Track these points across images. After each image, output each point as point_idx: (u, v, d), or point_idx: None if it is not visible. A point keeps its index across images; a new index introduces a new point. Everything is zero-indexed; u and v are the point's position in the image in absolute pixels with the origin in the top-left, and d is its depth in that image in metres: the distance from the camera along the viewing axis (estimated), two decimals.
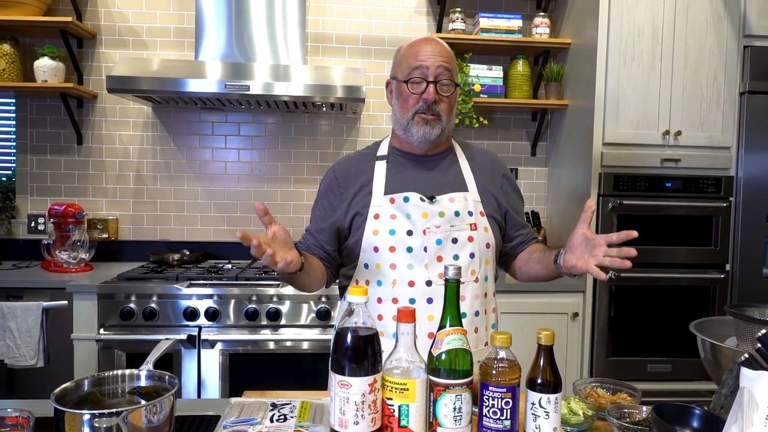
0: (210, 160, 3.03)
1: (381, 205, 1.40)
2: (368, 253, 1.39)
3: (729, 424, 0.82)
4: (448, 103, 1.41)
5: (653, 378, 2.58)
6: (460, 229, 1.39)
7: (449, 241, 1.37)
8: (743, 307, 1.28)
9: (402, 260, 1.36)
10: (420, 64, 1.37)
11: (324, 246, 1.45)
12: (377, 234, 1.38)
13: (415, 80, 1.38)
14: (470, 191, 1.45)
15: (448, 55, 1.41)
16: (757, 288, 2.61)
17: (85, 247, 2.70)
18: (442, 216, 1.38)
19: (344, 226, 1.43)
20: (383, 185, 1.42)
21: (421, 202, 1.39)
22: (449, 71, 1.39)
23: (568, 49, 2.90)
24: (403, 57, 1.43)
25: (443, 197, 1.41)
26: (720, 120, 2.60)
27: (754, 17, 2.58)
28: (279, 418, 1.06)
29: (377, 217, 1.39)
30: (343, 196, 1.44)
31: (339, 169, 1.49)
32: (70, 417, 0.87)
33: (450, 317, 1.01)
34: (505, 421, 0.98)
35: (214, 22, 2.71)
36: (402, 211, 1.38)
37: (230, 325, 2.37)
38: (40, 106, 2.93)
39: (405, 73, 1.40)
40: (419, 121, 1.39)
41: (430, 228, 1.37)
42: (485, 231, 1.42)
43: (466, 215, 1.41)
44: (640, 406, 1.16)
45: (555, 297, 2.60)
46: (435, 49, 1.39)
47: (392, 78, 1.47)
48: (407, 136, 1.42)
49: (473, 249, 1.39)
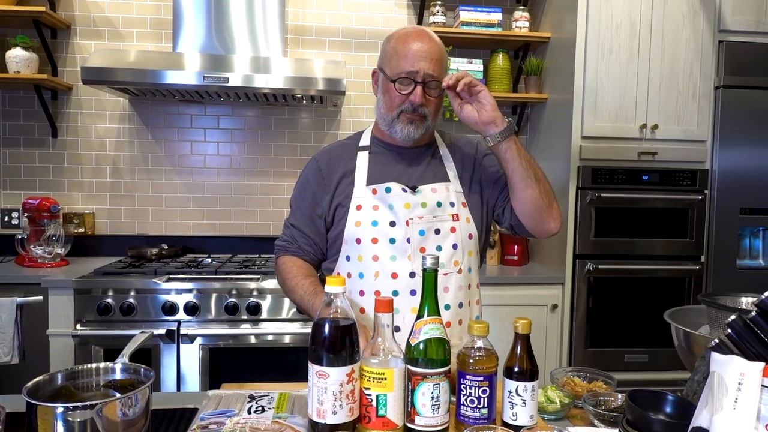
0: (189, 154, 2.99)
1: (363, 196, 1.38)
2: (350, 245, 1.38)
3: (700, 408, 0.83)
4: (436, 104, 1.39)
5: (630, 368, 2.62)
6: (443, 219, 1.38)
7: (432, 231, 1.37)
8: (716, 296, 1.30)
9: (385, 252, 1.35)
10: (409, 69, 1.33)
11: (315, 241, 1.44)
12: (359, 225, 1.37)
13: (403, 81, 1.34)
14: (452, 182, 1.44)
15: (439, 54, 1.36)
16: (731, 278, 2.66)
17: (60, 241, 2.65)
18: (425, 206, 1.37)
19: (328, 218, 1.42)
20: (365, 176, 1.41)
21: (404, 192, 1.38)
22: (439, 72, 1.35)
23: (547, 43, 2.92)
24: (393, 52, 1.37)
25: (425, 187, 1.40)
26: (696, 114, 2.64)
27: (728, 12, 2.62)
28: (257, 410, 1.05)
29: (359, 208, 1.38)
30: (327, 186, 1.43)
31: (321, 158, 1.48)
32: (43, 411, 0.85)
33: (428, 307, 1.01)
34: (482, 409, 0.99)
35: (193, 13, 2.67)
36: (384, 202, 1.37)
37: (210, 320, 2.35)
38: (12, 98, 2.87)
39: (394, 71, 1.35)
40: (404, 120, 1.37)
41: (413, 219, 1.36)
42: (467, 222, 1.42)
43: (448, 206, 1.40)
44: (616, 394, 1.18)
45: (535, 289, 2.63)
46: (426, 49, 1.34)
47: (379, 68, 1.43)
48: (391, 132, 1.40)
49: (456, 240, 1.39)
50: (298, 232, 1.45)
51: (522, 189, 1.38)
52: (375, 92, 1.46)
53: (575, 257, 2.62)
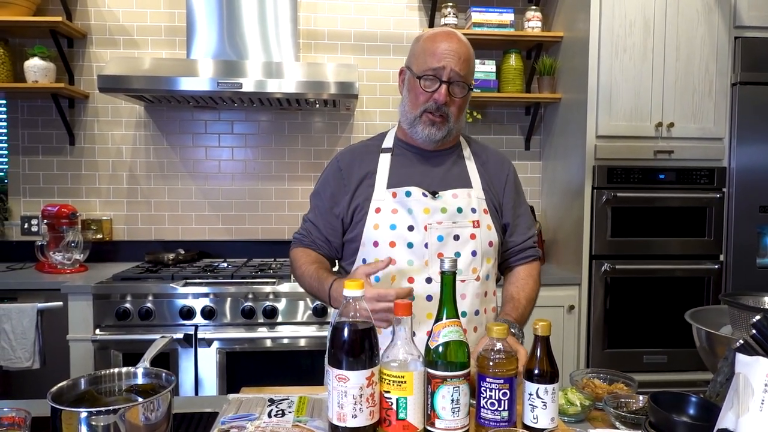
0: (204, 159, 3.02)
1: (383, 199, 1.38)
2: (368, 247, 1.37)
3: (725, 410, 0.82)
4: (459, 105, 1.38)
5: (649, 369, 2.59)
6: (463, 225, 1.37)
7: (451, 237, 1.35)
8: (738, 295, 1.28)
9: (402, 256, 1.34)
10: (436, 65, 1.33)
11: (329, 239, 1.44)
12: (378, 228, 1.36)
13: (429, 78, 1.34)
14: (474, 188, 1.43)
15: (467, 55, 1.36)
16: (751, 278, 2.62)
17: (79, 247, 2.68)
18: (445, 212, 1.36)
19: (346, 219, 1.42)
20: (386, 178, 1.40)
21: (424, 197, 1.37)
22: (465, 73, 1.36)
23: (560, 42, 2.90)
24: (421, 50, 1.38)
25: (446, 193, 1.39)
26: (712, 111, 2.61)
27: (744, 8, 2.59)
28: (277, 414, 1.06)
29: (378, 211, 1.37)
30: (346, 187, 1.43)
31: (343, 159, 1.47)
32: (68, 415, 0.86)
33: (447, 310, 1.01)
34: (502, 412, 0.99)
35: (206, 20, 2.70)
36: (404, 206, 1.36)
37: (227, 324, 2.37)
38: (31, 107, 2.91)
39: (420, 68, 1.36)
40: (426, 121, 1.37)
41: (432, 224, 1.35)
42: (488, 229, 1.41)
43: (469, 212, 1.39)
44: (637, 396, 1.17)
45: (551, 290, 2.61)
46: (454, 48, 1.34)
47: (407, 67, 1.43)
48: (412, 132, 1.40)
49: (475, 246, 1.37)
50: (314, 227, 1.46)
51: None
52: (401, 91, 1.46)
53: (592, 257, 2.59)
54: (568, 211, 2.78)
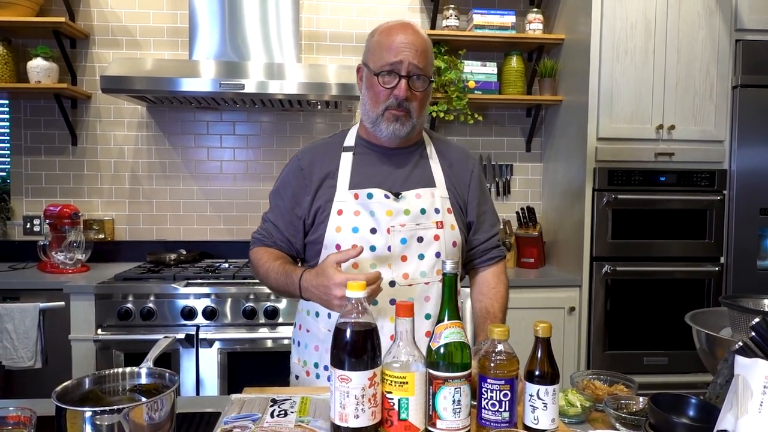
0: (205, 160, 3.02)
1: (345, 201, 1.34)
2: (330, 250, 1.33)
3: (724, 411, 0.83)
4: (421, 100, 1.34)
5: (650, 371, 2.60)
6: (426, 227, 1.34)
7: (414, 240, 1.33)
8: (738, 298, 1.29)
9: (365, 259, 1.30)
10: (393, 60, 1.29)
11: (290, 240, 1.41)
12: (340, 231, 1.33)
13: (387, 74, 1.30)
14: (438, 187, 1.40)
15: (424, 47, 1.32)
16: (752, 280, 2.63)
17: (81, 247, 2.69)
18: (408, 214, 1.33)
19: (308, 220, 1.38)
20: (348, 179, 1.36)
21: (386, 198, 1.34)
22: (424, 65, 1.31)
23: (561, 44, 2.91)
24: (376, 44, 1.34)
25: (409, 193, 1.36)
26: (713, 114, 2.62)
27: (745, 11, 2.59)
28: (279, 414, 1.06)
29: (340, 213, 1.34)
30: (307, 188, 1.39)
31: (304, 157, 1.43)
32: (72, 414, 0.87)
33: (448, 311, 1.02)
34: (503, 413, 0.99)
35: (208, 21, 2.70)
36: (366, 208, 1.33)
37: (228, 324, 2.37)
38: (33, 107, 2.92)
39: (377, 64, 1.31)
40: (389, 117, 1.33)
41: (395, 226, 1.32)
42: (452, 229, 1.38)
43: (433, 213, 1.36)
44: (637, 397, 1.17)
45: (552, 291, 2.62)
46: (410, 40, 1.30)
47: (363, 64, 1.39)
48: (376, 130, 1.36)
49: (439, 248, 1.35)
50: (275, 228, 1.42)
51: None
52: (360, 89, 1.42)
53: (592, 259, 2.60)
54: (569, 213, 2.78)
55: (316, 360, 1.40)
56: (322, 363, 1.38)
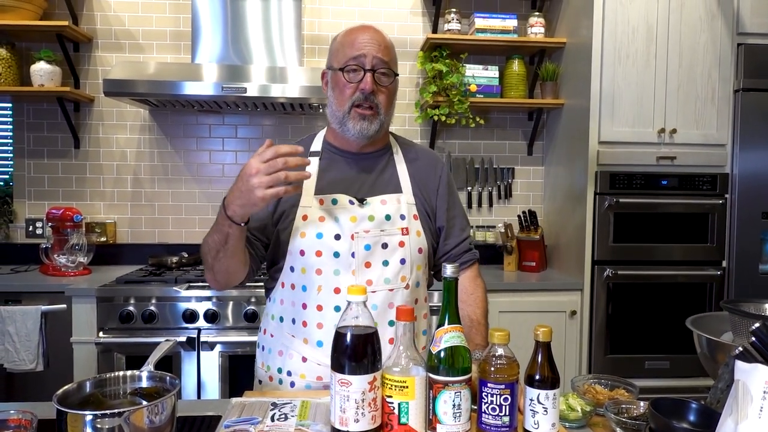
0: (207, 163, 3.03)
1: (310, 206, 1.32)
2: (294, 255, 1.31)
3: (724, 416, 0.83)
4: (387, 95, 1.33)
5: (651, 375, 2.60)
6: (391, 233, 1.32)
7: (379, 246, 1.31)
8: (739, 302, 1.29)
9: (328, 266, 1.28)
10: (357, 53, 1.29)
11: (251, 240, 1.36)
12: (304, 237, 1.30)
13: (352, 68, 1.29)
14: (404, 193, 1.38)
15: (387, 43, 1.33)
16: (754, 284, 2.63)
17: (83, 250, 2.70)
18: (372, 220, 1.32)
19: (270, 224, 1.35)
20: (314, 184, 1.34)
21: (351, 204, 1.32)
22: (389, 59, 1.32)
23: (563, 48, 2.91)
24: (339, 45, 1.34)
25: (375, 199, 1.34)
26: (715, 117, 2.62)
27: (747, 15, 2.59)
28: (280, 417, 1.06)
29: (305, 218, 1.31)
30: None
31: None
32: (73, 418, 0.87)
33: (449, 315, 1.01)
34: (504, 417, 0.99)
35: (210, 25, 2.72)
36: (330, 214, 1.31)
37: (229, 327, 2.38)
38: (36, 110, 2.94)
39: (341, 61, 1.31)
40: (356, 116, 1.31)
41: (359, 233, 1.30)
42: (417, 235, 1.36)
43: (398, 219, 1.34)
44: (638, 402, 1.17)
45: (553, 295, 2.62)
46: (372, 36, 1.31)
47: (328, 68, 1.38)
48: (343, 130, 1.34)
49: (404, 254, 1.33)
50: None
51: None
52: (326, 94, 1.39)
53: (594, 263, 2.60)
54: (571, 217, 2.78)
55: (279, 365, 1.37)
56: (286, 368, 1.35)
